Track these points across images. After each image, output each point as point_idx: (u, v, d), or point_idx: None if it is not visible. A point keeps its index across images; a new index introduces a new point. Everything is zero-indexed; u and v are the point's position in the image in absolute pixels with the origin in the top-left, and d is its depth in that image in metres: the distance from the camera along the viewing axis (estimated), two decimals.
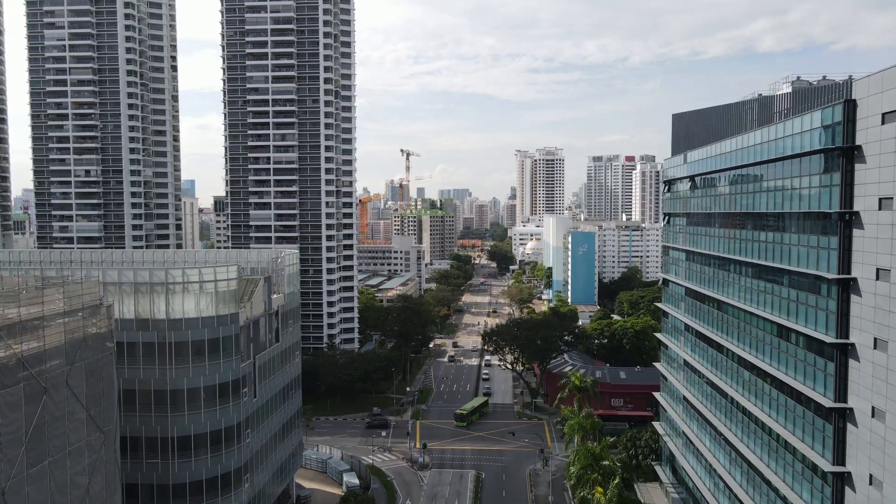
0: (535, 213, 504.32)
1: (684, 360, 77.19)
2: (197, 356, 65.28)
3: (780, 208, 51.33)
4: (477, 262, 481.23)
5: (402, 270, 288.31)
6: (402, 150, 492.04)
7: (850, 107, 41.99)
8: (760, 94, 74.75)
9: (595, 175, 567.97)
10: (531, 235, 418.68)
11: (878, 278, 39.54)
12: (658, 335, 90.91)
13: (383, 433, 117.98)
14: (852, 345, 42.08)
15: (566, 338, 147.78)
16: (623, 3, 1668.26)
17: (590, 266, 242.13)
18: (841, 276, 42.44)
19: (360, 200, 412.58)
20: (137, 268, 67.84)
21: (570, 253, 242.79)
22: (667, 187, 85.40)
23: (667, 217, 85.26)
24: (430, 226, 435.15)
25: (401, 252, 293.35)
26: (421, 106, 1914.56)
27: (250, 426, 72.21)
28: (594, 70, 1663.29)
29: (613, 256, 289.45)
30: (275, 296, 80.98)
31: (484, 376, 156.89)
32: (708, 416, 67.69)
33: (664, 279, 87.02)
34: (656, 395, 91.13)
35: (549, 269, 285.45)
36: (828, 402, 43.50)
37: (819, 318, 45.40)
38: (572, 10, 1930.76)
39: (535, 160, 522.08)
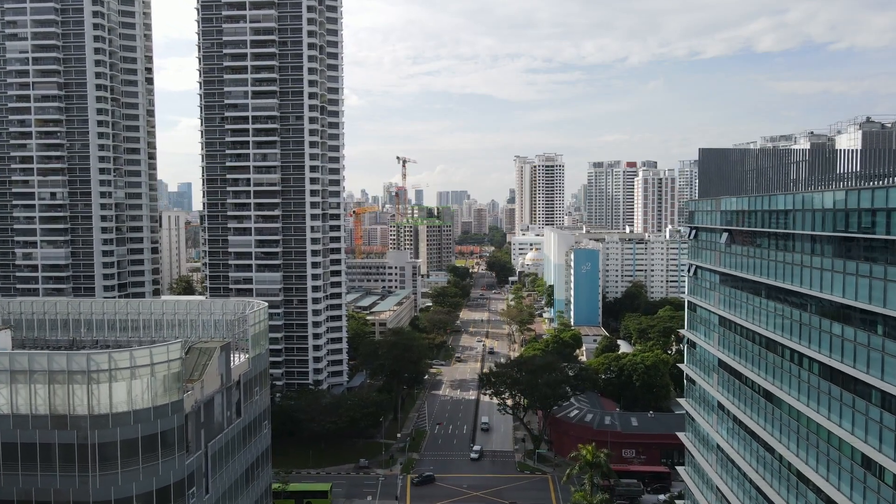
0: (535, 221, 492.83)
1: (717, 443, 65.26)
2: (128, 458, 53.23)
3: (863, 301, 39.38)
4: (475, 270, 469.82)
5: (397, 287, 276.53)
6: (398, 158, 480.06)
7: None
8: (812, 133, 63.25)
9: (595, 181, 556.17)
10: (531, 245, 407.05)
11: None
12: (681, 401, 78.89)
13: (369, 497, 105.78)
14: None
15: (570, 374, 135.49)
16: (621, 3, 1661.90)
17: (593, 285, 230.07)
18: None
19: (353, 211, 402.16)
20: (52, 351, 55.79)
21: (572, 271, 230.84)
22: (693, 233, 73.44)
23: (693, 268, 73.32)
24: (427, 235, 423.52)
25: (396, 267, 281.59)
26: (420, 106, 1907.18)
27: None
28: (593, 70, 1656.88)
29: (617, 271, 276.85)
30: (236, 363, 69.10)
31: (483, 425, 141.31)
32: None
33: (689, 340, 75.11)
34: (680, 469, 79.02)
35: (551, 287, 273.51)
36: None
37: None
38: (570, 11, 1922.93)
39: (535, 166, 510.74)
